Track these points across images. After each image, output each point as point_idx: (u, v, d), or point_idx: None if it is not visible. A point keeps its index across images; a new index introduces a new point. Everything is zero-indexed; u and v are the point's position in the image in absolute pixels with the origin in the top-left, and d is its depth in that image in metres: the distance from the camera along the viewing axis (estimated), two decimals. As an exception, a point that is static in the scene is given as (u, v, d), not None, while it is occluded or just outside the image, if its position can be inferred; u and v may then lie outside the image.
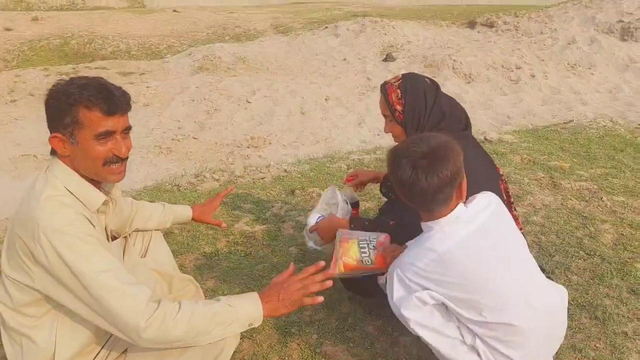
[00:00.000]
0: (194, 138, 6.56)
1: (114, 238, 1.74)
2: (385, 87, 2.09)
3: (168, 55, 11.41)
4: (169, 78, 8.88)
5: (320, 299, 1.51)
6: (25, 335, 1.49)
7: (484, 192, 1.65)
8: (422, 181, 1.46)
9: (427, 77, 2.14)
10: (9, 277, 1.46)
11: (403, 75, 2.13)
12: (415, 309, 1.50)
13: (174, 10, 16.60)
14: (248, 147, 6.43)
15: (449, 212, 1.52)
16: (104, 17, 14.93)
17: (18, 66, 10.65)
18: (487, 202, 1.60)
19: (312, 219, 2.17)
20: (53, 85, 1.48)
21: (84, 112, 1.42)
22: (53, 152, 1.51)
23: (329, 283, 1.50)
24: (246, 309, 1.45)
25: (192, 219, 2.13)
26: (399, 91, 2.07)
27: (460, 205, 1.55)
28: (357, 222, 2.06)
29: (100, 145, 1.45)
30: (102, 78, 1.53)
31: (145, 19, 14.86)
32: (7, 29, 13.03)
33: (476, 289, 1.49)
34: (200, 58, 9.88)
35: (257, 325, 1.47)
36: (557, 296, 1.66)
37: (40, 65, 10.05)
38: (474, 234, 1.52)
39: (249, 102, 7.65)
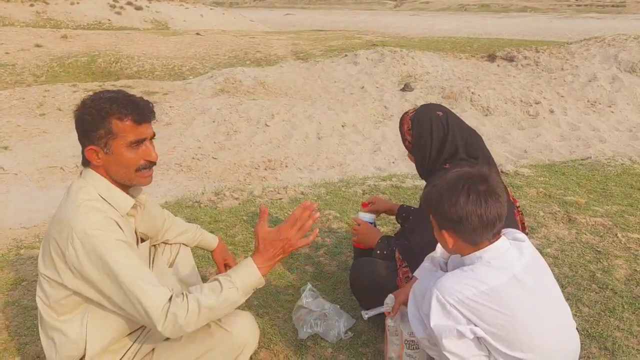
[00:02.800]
0: (213, 158, 6.71)
1: (142, 240, 1.84)
2: (403, 117, 2.23)
3: (190, 77, 11.71)
4: (191, 99, 9.11)
5: (312, 238, 1.59)
6: (58, 329, 1.59)
7: (514, 230, 1.69)
8: (482, 208, 1.48)
9: (441, 110, 2.20)
10: (42, 274, 1.58)
11: (421, 105, 2.25)
12: (454, 339, 1.50)
13: (197, 33, 17.06)
14: (265, 169, 6.55)
15: (491, 244, 1.54)
16: (129, 38, 15.40)
17: (47, 81, 11.01)
18: (524, 238, 1.63)
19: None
20: (82, 101, 1.60)
21: (116, 123, 1.54)
22: (85, 163, 1.62)
23: (317, 215, 1.58)
24: (247, 282, 1.54)
25: (213, 251, 2.26)
26: (410, 122, 2.19)
27: (504, 239, 1.57)
28: (383, 240, 2.25)
29: (132, 153, 1.58)
30: (125, 91, 1.65)
31: (169, 41, 15.28)
32: (38, 46, 13.50)
33: (520, 328, 1.50)
34: (222, 81, 10.14)
35: (261, 286, 1.59)
36: (577, 335, 1.70)
37: (68, 82, 10.39)
38: (523, 273, 1.53)
39: (267, 125, 7.80)
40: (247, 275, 1.54)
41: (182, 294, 1.49)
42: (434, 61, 11.31)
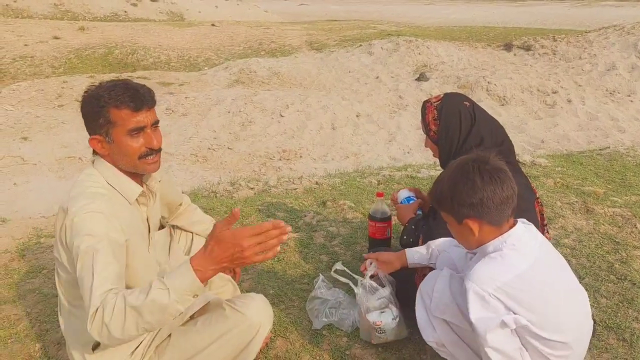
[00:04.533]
0: (228, 148, 6.75)
1: (162, 227, 1.86)
2: (425, 106, 2.17)
3: (206, 68, 11.75)
4: (206, 90, 9.15)
5: (270, 254, 1.32)
6: (73, 314, 1.63)
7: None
8: (496, 184, 1.49)
9: (467, 100, 2.17)
10: (55, 256, 1.61)
11: (445, 95, 2.18)
12: (498, 331, 1.45)
13: (212, 24, 17.07)
14: (280, 159, 6.57)
15: (510, 229, 1.54)
16: (145, 29, 15.46)
17: (65, 73, 11.13)
18: (529, 222, 1.64)
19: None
20: (85, 92, 1.62)
21: (114, 111, 1.55)
22: (95, 152, 1.65)
23: (285, 237, 1.33)
24: (180, 284, 1.31)
25: None
26: (435, 112, 2.12)
27: (520, 223, 1.57)
28: (411, 224, 2.27)
29: (133, 141, 1.58)
30: (128, 79, 1.66)
31: (184, 32, 15.32)
32: (56, 38, 13.63)
33: (551, 309, 1.50)
34: (237, 71, 10.16)
35: (201, 293, 1.37)
36: (590, 313, 1.71)
37: (86, 73, 10.51)
38: (542, 254, 1.54)
39: (282, 116, 7.82)
40: (180, 277, 1.32)
41: (118, 292, 1.35)
42: (449, 50, 11.19)
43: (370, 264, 1.99)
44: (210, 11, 27.28)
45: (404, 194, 2.46)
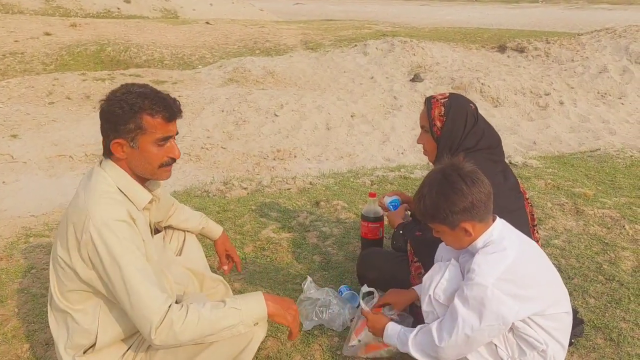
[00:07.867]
0: (222, 147, 6.73)
1: (157, 231, 1.87)
2: (430, 101, 2.15)
3: (200, 66, 11.70)
4: (200, 88, 9.11)
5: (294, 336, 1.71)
6: (71, 316, 1.62)
7: None
8: (478, 184, 1.60)
9: (472, 103, 2.19)
10: (59, 257, 1.59)
11: (450, 94, 2.18)
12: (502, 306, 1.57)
13: (207, 23, 17.00)
14: (274, 159, 6.56)
15: (494, 222, 1.67)
16: (139, 26, 15.37)
17: (56, 70, 11.03)
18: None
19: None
20: (112, 93, 1.61)
21: (147, 119, 1.56)
22: (107, 154, 1.63)
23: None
24: (251, 310, 1.59)
25: (216, 241, 2.25)
26: (442, 108, 2.11)
27: (498, 217, 1.70)
28: (399, 229, 2.29)
29: (157, 149, 1.60)
30: (151, 86, 1.66)
31: (178, 30, 15.25)
32: (47, 34, 13.51)
33: (542, 284, 1.65)
34: (231, 70, 10.12)
35: (263, 320, 1.62)
36: None
37: (78, 70, 10.42)
38: (523, 239, 1.71)
39: (276, 115, 7.80)
40: (252, 303, 1.60)
41: (182, 304, 1.53)
42: (444, 52, 11.21)
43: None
44: (205, 9, 27.15)
45: (388, 199, 2.46)
